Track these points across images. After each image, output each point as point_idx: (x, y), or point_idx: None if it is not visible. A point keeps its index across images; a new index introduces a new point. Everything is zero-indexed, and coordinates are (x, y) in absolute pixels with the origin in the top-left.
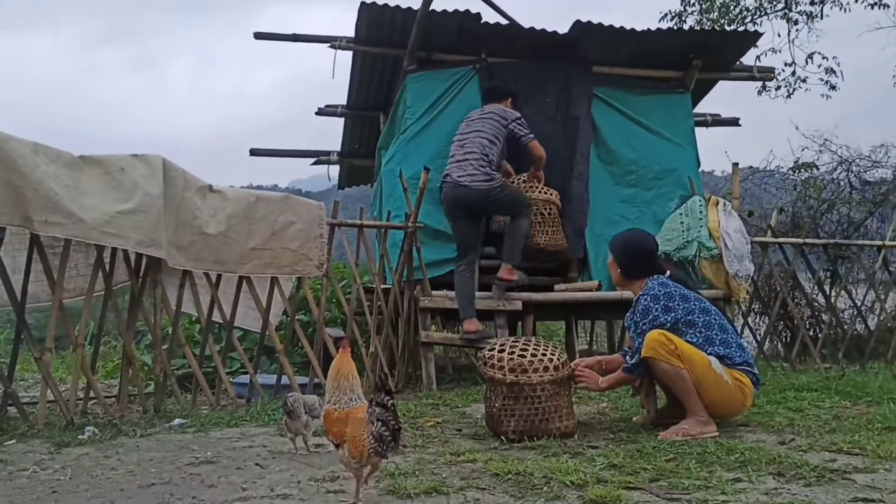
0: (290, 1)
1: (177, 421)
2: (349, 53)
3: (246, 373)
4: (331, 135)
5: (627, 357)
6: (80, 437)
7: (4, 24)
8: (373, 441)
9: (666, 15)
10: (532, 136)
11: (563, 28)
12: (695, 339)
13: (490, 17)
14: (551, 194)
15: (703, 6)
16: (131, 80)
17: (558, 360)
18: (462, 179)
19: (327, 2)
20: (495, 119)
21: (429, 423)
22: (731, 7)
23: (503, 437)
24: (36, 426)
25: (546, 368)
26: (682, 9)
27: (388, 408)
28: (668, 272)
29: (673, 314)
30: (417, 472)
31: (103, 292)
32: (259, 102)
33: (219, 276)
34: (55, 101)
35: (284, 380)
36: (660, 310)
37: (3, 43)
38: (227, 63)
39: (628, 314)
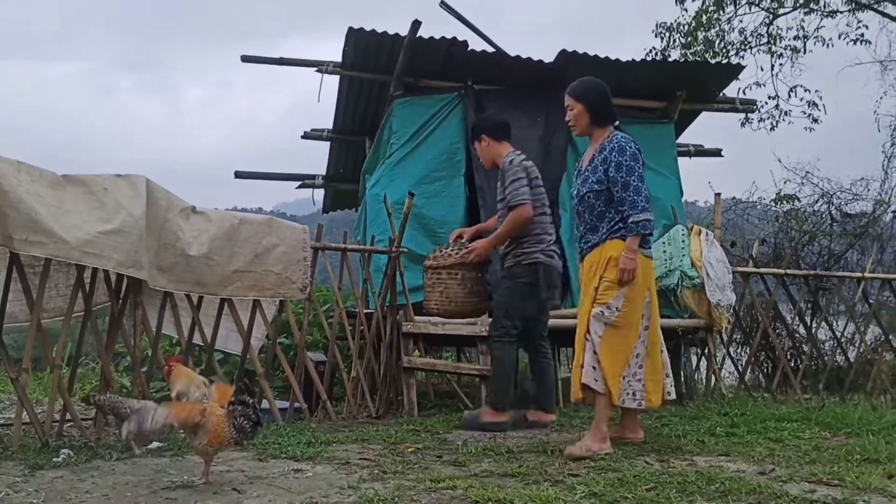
0: (306, 35)
1: (154, 444)
2: (336, 78)
3: None
4: (316, 160)
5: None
6: (55, 459)
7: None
8: (234, 433)
9: (650, 51)
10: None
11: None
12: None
13: (477, 44)
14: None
15: (685, 41)
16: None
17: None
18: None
19: (342, 35)
20: None
21: (409, 449)
22: (716, 42)
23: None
24: (10, 448)
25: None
26: (664, 45)
27: (249, 405)
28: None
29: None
30: (397, 499)
31: (82, 313)
32: (250, 128)
33: (200, 299)
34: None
35: (265, 404)
36: (636, 165)
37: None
38: (228, 93)
39: (599, 170)
